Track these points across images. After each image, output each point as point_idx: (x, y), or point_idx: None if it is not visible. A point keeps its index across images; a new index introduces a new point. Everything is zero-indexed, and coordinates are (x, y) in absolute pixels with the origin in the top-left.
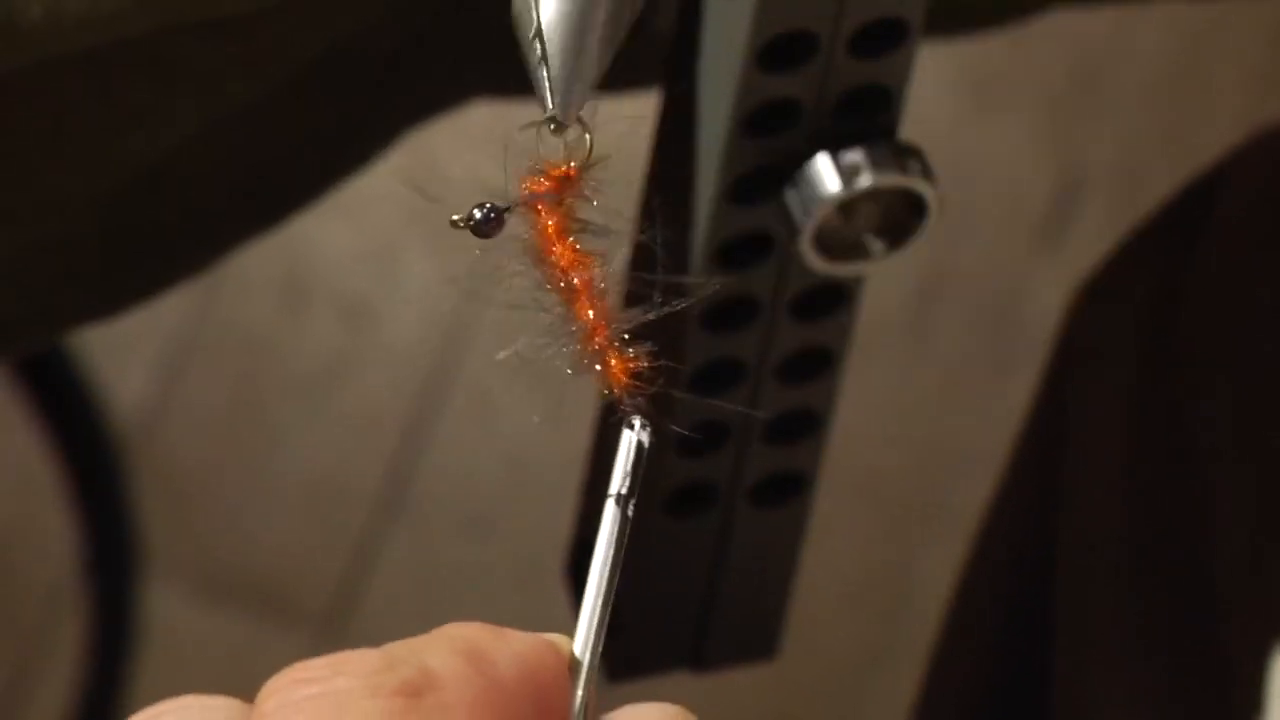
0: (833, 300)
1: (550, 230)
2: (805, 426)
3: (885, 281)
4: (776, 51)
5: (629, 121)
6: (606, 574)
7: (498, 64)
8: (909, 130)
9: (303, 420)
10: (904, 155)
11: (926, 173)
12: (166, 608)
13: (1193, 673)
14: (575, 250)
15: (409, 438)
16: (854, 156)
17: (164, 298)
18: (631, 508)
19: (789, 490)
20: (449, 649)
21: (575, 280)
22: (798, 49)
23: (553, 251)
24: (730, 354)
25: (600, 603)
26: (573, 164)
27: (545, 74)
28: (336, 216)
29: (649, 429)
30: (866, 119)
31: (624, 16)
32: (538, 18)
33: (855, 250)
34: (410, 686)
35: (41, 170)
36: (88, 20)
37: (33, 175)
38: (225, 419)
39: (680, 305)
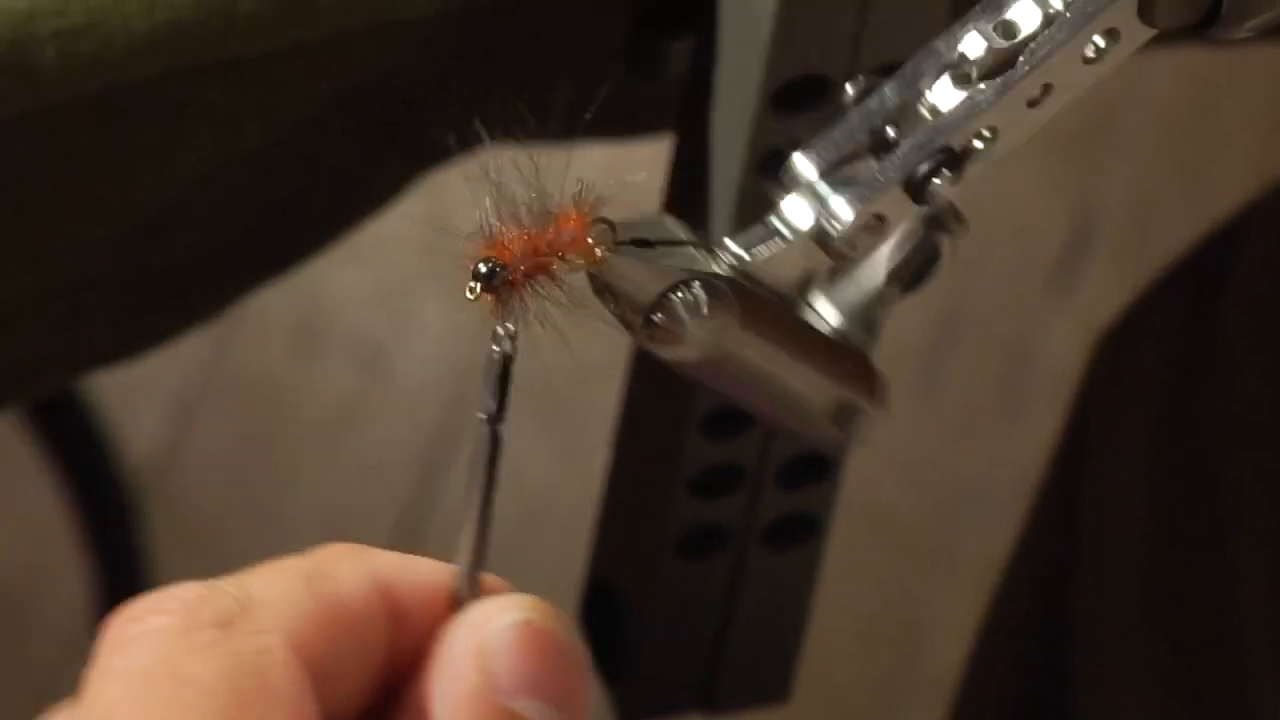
0: None
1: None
2: (817, 469)
3: (899, 324)
4: (790, 95)
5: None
6: (484, 493)
7: (513, 109)
8: None
9: (316, 464)
10: None
11: None
12: None
13: (1214, 718)
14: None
15: (422, 481)
16: None
17: (178, 341)
18: (502, 427)
19: (801, 532)
20: (285, 571)
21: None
22: (811, 92)
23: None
24: None
25: (479, 525)
26: (586, 218)
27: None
28: (350, 260)
29: (513, 343)
30: None
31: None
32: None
33: None
34: (223, 617)
35: (54, 212)
36: (100, 62)
37: (46, 217)
38: (238, 463)
39: None
